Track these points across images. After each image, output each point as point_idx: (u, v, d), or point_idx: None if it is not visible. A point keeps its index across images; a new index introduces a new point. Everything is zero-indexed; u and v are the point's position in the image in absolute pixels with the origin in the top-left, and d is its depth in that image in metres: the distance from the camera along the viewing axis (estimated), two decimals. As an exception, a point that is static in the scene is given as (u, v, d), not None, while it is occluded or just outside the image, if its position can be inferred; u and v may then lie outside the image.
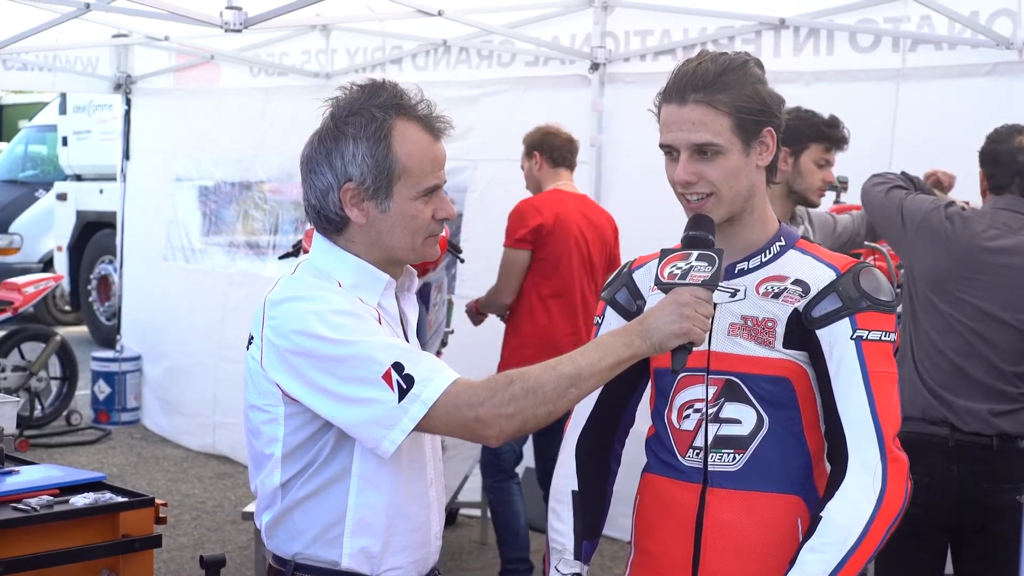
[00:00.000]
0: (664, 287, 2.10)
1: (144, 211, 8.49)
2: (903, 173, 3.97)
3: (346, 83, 2.19)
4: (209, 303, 7.87)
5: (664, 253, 2.14)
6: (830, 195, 4.73)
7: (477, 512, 6.24)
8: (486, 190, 6.36)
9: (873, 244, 4.31)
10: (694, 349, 2.09)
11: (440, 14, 5.55)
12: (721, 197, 2.17)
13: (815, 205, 4.08)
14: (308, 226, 5.48)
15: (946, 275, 3.59)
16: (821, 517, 2.09)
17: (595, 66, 6.04)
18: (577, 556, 2.33)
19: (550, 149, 5.33)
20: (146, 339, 8.54)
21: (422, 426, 2.02)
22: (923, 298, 3.63)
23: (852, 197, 4.71)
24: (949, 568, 3.72)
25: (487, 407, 2.00)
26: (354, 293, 2.12)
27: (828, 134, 3.76)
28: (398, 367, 2.00)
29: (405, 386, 1.99)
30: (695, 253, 2.10)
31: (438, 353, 5.24)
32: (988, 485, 3.51)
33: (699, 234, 2.14)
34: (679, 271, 2.09)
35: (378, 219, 2.13)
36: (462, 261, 5.90)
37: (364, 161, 2.10)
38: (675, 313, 2.05)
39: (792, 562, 2.08)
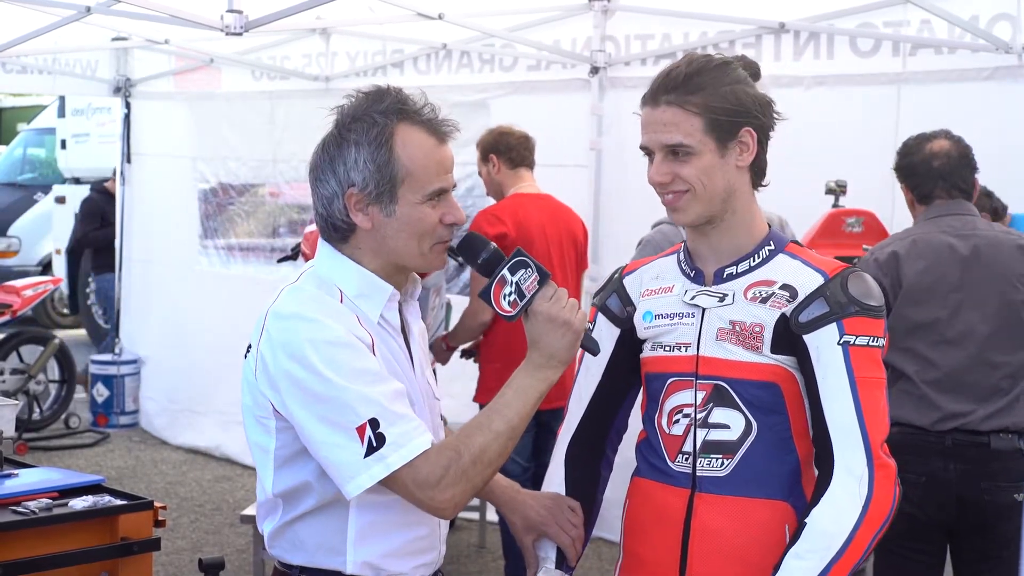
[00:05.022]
0: (519, 316, 2.11)
1: (144, 214, 8.49)
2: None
3: (352, 91, 2.17)
4: (209, 306, 7.86)
5: (482, 296, 2.14)
6: (828, 198, 4.74)
7: (475, 516, 6.23)
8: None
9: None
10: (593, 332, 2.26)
11: (440, 17, 5.55)
12: (696, 194, 2.17)
13: None
14: (307, 230, 5.51)
15: (926, 286, 3.58)
16: (806, 523, 2.07)
17: (595, 70, 6.03)
18: (559, 564, 2.30)
19: (506, 149, 5.12)
20: (146, 341, 8.54)
21: (382, 484, 2.01)
22: (908, 307, 3.61)
23: (851, 200, 4.71)
24: (949, 569, 3.72)
25: (440, 488, 2.01)
26: (357, 303, 2.10)
27: None
28: (374, 423, 1.99)
29: (375, 444, 1.98)
30: (505, 271, 2.11)
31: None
32: (986, 484, 3.50)
33: (487, 256, 2.15)
34: (515, 295, 2.10)
35: (383, 224, 2.10)
36: (460, 264, 5.90)
37: (366, 166, 2.08)
38: (554, 327, 2.08)
39: (776, 568, 2.06)
